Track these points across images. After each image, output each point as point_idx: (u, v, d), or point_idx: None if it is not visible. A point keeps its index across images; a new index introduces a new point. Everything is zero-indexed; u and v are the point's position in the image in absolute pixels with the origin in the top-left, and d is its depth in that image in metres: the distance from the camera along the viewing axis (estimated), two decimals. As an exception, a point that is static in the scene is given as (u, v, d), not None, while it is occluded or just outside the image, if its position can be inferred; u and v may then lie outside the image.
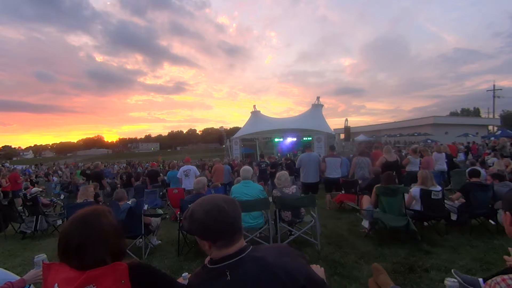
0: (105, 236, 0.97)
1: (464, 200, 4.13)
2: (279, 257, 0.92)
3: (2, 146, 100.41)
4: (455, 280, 1.59)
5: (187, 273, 1.37)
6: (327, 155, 6.38)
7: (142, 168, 18.24)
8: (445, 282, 1.61)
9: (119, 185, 8.94)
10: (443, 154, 7.36)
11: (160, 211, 5.87)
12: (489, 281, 1.17)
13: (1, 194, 8.95)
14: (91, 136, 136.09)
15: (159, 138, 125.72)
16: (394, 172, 5.05)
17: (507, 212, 1.25)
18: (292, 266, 0.90)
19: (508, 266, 1.67)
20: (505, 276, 1.13)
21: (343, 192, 6.21)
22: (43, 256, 1.71)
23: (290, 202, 3.89)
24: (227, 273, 0.89)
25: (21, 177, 11.03)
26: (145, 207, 4.89)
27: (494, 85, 36.69)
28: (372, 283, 2.07)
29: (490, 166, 7.60)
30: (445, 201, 4.17)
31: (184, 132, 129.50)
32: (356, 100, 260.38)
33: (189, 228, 0.97)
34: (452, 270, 2.46)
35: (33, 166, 27.69)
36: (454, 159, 9.52)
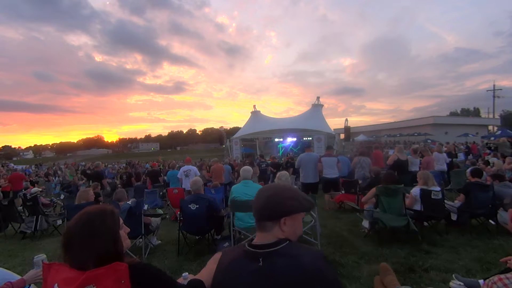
0: (107, 236, 0.98)
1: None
2: (313, 259, 0.93)
3: (2, 146, 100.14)
4: (461, 284, 1.59)
5: (187, 273, 1.38)
6: (323, 155, 6.37)
7: (141, 168, 18.24)
8: (450, 284, 1.61)
9: (119, 185, 8.94)
10: (444, 154, 7.37)
11: (160, 211, 5.88)
12: (487, 281, 1.18)
13: (1, 194, 8.97)
14: (91, 136, 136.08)
15: (159, 138, 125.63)
16: (397, 172, 5.10)
17: (511, 209, 1.27)
18: (323, 272, 0.91)
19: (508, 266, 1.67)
20: (502, 276, 1.13)
21: (342, 192, 6.21)
22: (42, 256, 1.72)
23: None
24: (260, 260, 0.94)
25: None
26: (145, 207, 4.89)
27: (494, 85, 36.74)
28: (377, 282, 2.07)
29: (488, 166, 7.60)
30: (445, 201, 4.17)
31: (184, 132, 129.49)
32: (356, 100, 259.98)
33: None
34: (454, 275, 2.46)
35: (33, 166, 27.73)
36: (454, 159, 9.53)
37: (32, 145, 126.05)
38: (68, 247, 0.95)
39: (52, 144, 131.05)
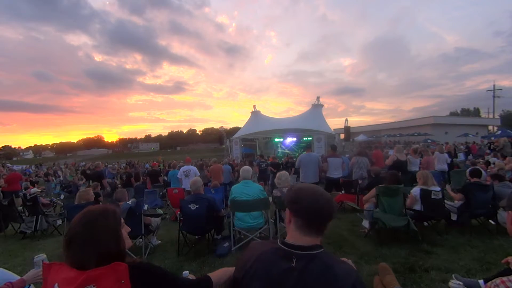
0: (110, 235, 0.98)
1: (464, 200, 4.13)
2: (348, 274, 0.93)
3: (2, 146, 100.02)
4: (460, 283, 1.59)
5: (187, 271, 1.38)
6: (328, 155, 6.38)
7: (141, 168, 18.20)
8: (450, 284, 1.61)
9: (119, 185, 8.94)
10: (445, 154, 7.37)
11: (160, 211, 5.87)
12: (489, 283, 1.17)
13: (1, 194, 8.94)
14: (91, 136, 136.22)
15: (159, 138, 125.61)
16: (400, 172, 5.11)
17: (510, 212, 1.26)
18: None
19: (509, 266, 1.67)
20: (504, 278, 1.13)
21: (343, 192, 6.21)
22: (42, 256, 1.72)
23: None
24: (293, 260, 0.93)
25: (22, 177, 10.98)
26: (145, 207, 4.89)
27: (494, 85, 36.83)
28: (377, 282, 2.08)
29: (490, 166, 7.58)
30: (445, 201, 4.17)
31: (184, 132, 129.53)
32: (356, 100, 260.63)
33: (286, 196, 1.05)
34: (453, 275, 2.46)
35: (33, 166, 27.73)
36: (454, 159, 9.53)
37: (32, 145, 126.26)
38: (70, 246, 0.95)
39: (52, 144, 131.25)
